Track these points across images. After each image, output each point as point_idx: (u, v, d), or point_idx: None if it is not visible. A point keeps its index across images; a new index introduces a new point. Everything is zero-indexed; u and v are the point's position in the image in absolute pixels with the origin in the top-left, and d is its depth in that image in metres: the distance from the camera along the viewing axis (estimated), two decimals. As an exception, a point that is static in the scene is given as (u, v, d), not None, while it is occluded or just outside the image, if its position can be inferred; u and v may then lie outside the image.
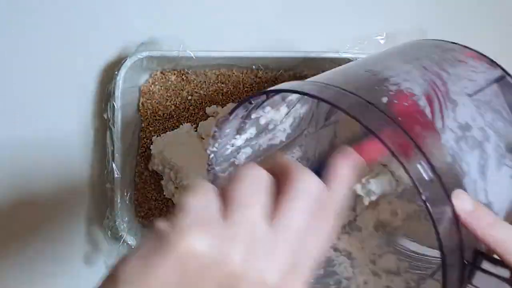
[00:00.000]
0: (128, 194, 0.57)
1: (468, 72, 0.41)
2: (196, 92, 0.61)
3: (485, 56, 0.44)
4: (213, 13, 0.63)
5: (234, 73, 0.61)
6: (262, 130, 0.46)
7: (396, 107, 0.36)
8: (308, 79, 0.41)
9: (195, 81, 0.61)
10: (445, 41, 0.46)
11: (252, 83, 0.61)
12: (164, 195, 0.60)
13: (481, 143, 0.37)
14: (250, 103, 0.40)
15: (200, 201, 0.29)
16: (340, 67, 0.44)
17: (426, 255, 0.50)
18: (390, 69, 0.39)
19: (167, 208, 0.61)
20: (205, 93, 0.61)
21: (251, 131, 0.45)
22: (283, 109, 0.45)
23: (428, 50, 0.44)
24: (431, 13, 0.65)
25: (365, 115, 0.34)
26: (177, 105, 0.60)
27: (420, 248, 0.51)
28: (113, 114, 0.56)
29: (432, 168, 0.33)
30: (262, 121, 0.44)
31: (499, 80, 0.41)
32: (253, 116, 0.43)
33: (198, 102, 0.61)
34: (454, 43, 0.46)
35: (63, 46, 0.61)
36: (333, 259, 0.52)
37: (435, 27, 0.57)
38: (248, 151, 0.46)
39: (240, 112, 0.41)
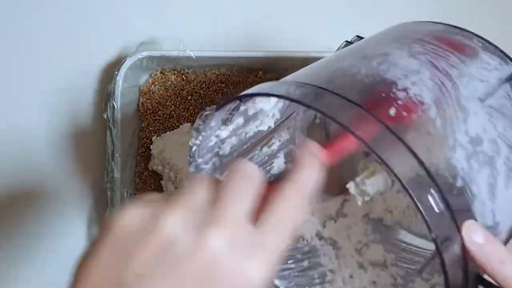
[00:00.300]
0: (128, 194, 0.57)
1: (480, 69, 0.37)
2: (196, 92, 0.61)
3: (498, 48, 0.40)
4: (213, 13, 0.63)
5: (234, 73, 0.61)
6: (250, 118, 0.43)
7: (405, 121, 0.33)
8: (297, 74, 0.38)
9: (195, 81, 0.61)
10: (454, 26, 0.41)
11: (252, 83, 0.60)
12: (164, 195, 0.60)
13: (492, 158, 0.34)
14: (223, 105, 0.38)
15: (147, 195, 0.30)
16: (337, 55, 0.40)
17: (413, 245, 0.48)
18: (397, 67, 0.36)
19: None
20: (205, 93, 0.61)
21: (238, 122, 0.42)
22: (274, 98, 0.42)
23: (436, 39, 0.39)
24: (431, 14, 0.65)
25: (377, 141, 0.31)
26: (177, 105, 0.60)
27: (408, 236, 0.49)
28: (113, 114, 0.56)
29: (444, 198, 0.30)
30: (251, 112, 0.42)
31: (511, 78, 0.38)
32: (241, 108, 0.41)
33: (198, 102, 0.61)
34: (464, 29, 0.41)
35: (63, 46, 0.61)
36: (318, 248, 0.50)
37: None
38: (233, 140, 0.44)
39: (227, 106, 0.39)
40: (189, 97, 0.61)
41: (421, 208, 0.29)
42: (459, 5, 0.65)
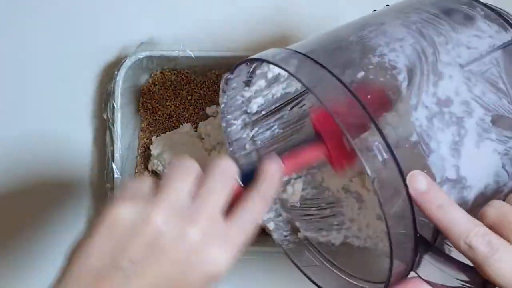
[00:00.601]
0: (128, 194, 0.57)
1: (471, 37, 0.40)
2: (196, 92, 0.61)
3: (501, 16, 0.41)
4: (213, 13, 0.63)
5: (234, 73, 0.61)
6: (274, 80, 0.46)
7: (369, 83, 0.36)
8: (300, 43, 0.41)
9: (195, 81, 0.61)
10: None
11: (252, 83, 0.61)
12: (164, 195, 0.60)
13: (460, 119, 0.37)
14: (230, 75, 0.43)
15: (136, 182, 0.35)
16: (338, 28, 0.43)
17: None
18: (384, 35, 0.39)
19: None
20: (205, 93, 0.61)
21: (259, 84, 0.45)
22: None
23: (435, 8, 0.42)
24: None
25: (329, 91, 0.35)
26: (177, 105, 0.60)
27: None
28: (113, 114, 0.56)
29: (388, 147, 0.33)
30: (270, 75, 0.45)
31: (507, 45, 0.40)
32: (258, 72, 0.44)
33: (198, 102, 0.61)
34: None
35: (63, 46, 0.61)
36: (342, 200, 0.51)
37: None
38: (260, 101, 0.47)
39: (244, 69, 0.42)
40: (189, 97, 0.60)
41: (360, 155, 0.33)
42: None
